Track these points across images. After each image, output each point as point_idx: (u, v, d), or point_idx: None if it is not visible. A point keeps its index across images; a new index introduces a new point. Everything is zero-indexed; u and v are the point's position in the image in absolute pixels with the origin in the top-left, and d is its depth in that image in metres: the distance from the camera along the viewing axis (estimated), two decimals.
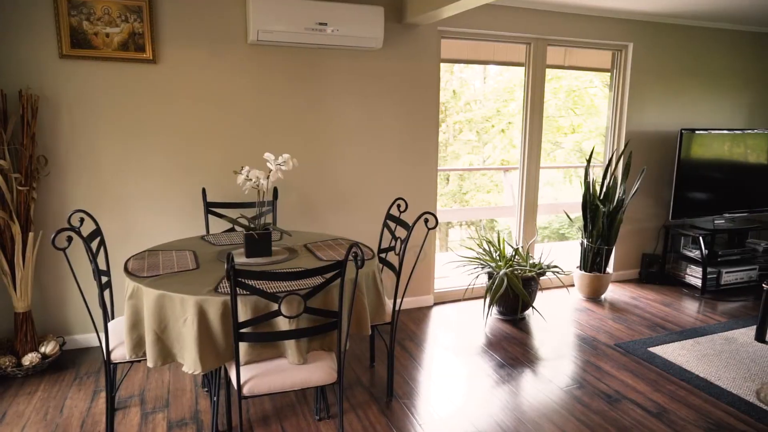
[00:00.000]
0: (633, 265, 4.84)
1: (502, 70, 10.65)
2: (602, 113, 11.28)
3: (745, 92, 4.96)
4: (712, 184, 4.62)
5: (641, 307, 4.14)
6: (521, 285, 3.69)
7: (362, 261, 1.87)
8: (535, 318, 3.89)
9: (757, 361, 3.22)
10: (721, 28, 4.70)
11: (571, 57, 5.68)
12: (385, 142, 3.75)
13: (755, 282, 4.62)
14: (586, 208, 4.20)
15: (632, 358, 3.27)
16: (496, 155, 11.07)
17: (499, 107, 11.01)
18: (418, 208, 3.95)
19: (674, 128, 4.69)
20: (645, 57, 4.46)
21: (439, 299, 4.23)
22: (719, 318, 3.94)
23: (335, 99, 3.56)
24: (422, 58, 3.74)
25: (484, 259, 3.92)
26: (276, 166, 2.51)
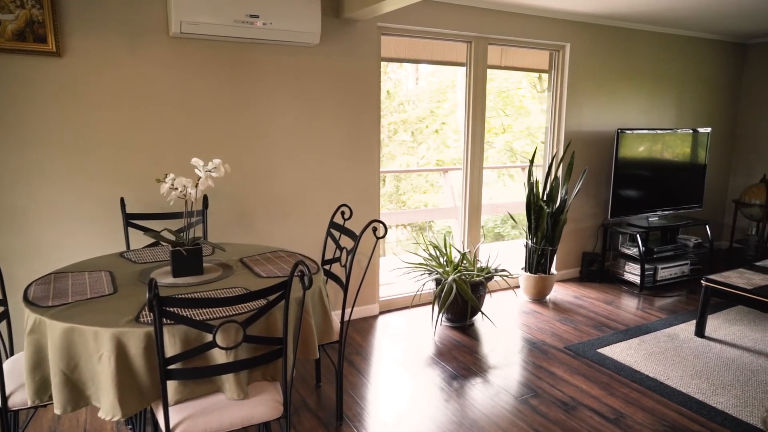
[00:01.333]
0: (574, 264, 4.88)
1: (435, 71, 10.67)
2: (531, 114, 11.49)
3: (672, 93, 5.13)
4: (646, 183, 4.72)
5: (585, 307, 4.15)
6: (470, 291, 3.58)
7: (310, 280, 1.64)
8: (484, 323, 3.79)
9: (700, 357, 3.27)
10: (651, 31, 4.83)
11: (507, 57, 5.68)
12: (326, 144, 3.53)
13: (687, 276, 4.77)
14: (530, 209, 4.16)
15: (583, 361, 3.22)
16: (430, 156, 11.08)
17: (433, 108, 11.03)
18: (361, 213, 3.74)
19: (611, 128, 4.76)
20: (582, 57, 4.49)
21: (385, 308, 4.05)
22: (659, 314, 4.00)
23: (271, 98, 3.29)
24: (362, 55, 3.55)
25: (431, 265, 3.78)
26: (205, 172, 2.22)
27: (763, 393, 2.84)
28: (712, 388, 2.90)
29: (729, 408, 2.70)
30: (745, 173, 5.68)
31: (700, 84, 5.31)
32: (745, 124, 5.67)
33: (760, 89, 5.51)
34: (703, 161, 5.02)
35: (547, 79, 4.73)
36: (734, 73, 5.58)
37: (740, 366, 3.15)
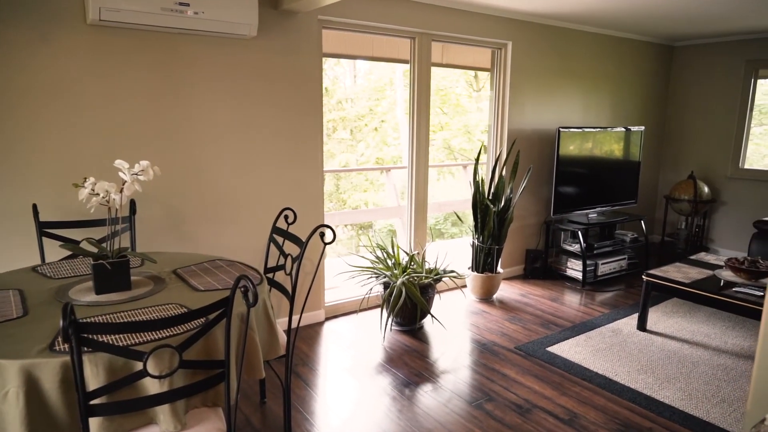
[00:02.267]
0: (518, 261, 4.91)
1: (373, 68, 10.57)
2: (469, 112, 11.60)
3: (608, 92, 5.27)
4: (585, 180, 4.81)
5: (532, 305, 4.16)
6: (420, 294, 3.48)
7: (255, 296, 1.47)
8: (434, 326, 3.71)
9: (644, 351, 3.33)
10: (588, 32, 4.92)
11: (449, 55, 5.65)
12: (267, 143, 3.32)
13: (625, 271, 4.91)
14: (476, 208, 4.12)
15: (534, 361, 3.20)
16: (369, 154, 10.98)
17: (372, 106, 10.93)
18: (305, 214, 3.56)
19: (552, 126, 4.82)
20: (523, 56, 4.50)
21: (332, 313, 3.89)
22: (602, 309, 4.07)
23: (206, 94, 3.05)
24: (303, 49, 3.36)
25: (379, 269, 3.66)
26: (131, 176, 1.99)
27: (705, 385, 2.92)
28: (658, 382, 2.94)
29: (675, 402, 2.74)
30: (674, 170, 5.94)
31: (632, 84, 5.49)
32: (672, 123, 5.92)
33: (685, 89, 5.77)
34: (637, 159, 5.19)
35: (484, 78, 4.72)
36: (663, 74, 5.82)
37: (681, 359, 3.23)
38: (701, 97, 5.64)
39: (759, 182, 5.30)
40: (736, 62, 5.33)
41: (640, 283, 4.71)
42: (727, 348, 3.39)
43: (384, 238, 10.77)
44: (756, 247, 4.33)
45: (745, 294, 3.17)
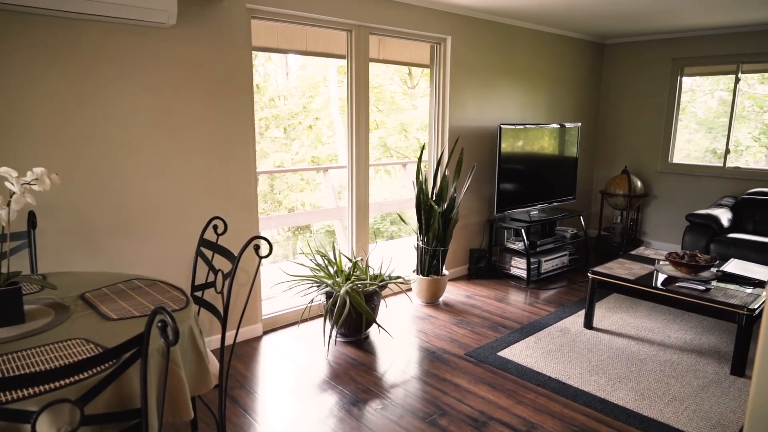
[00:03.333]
0: (462, 261, 4.81)
1: (306, 64, 10.24)
2: (404, 110, 11.47)
3: (545, 89, 5.27)
4: (527, 178, 4.78)
5: (479, 306, 4.06)
6: (365, 302, 3.28)
7: (175, 333, 1.20)
8: (381, 335, 3.52)
9: (593, 350, 3.29)
10: (526, 28, 4.89)
11: (386, 50, 5.46)
12: (192, 144, 2.99)
13: (567, 267, 4.93)
14: (420, 208, 3.96)
15: (486, 367, 3.08)
16: (304, 152, 10.66)
17: (305, 103, 10.61)
18: (238, 222, 3.26)
19: (493, 123, 4.74)
20: (463, 52, 4.39)
21: (270, 326, 3.61)
22: (548, 308, 4.03)
23: (118, 90, 2.70)
24: (230, 41, 3.06)
25: (320, 277, 3.41)
26: (21, 186, 1.65)
27: (655, 383, 2.89)
28: (611, 383, 2.89)
29: (629, 403, 2.69)
30: (608, 165, 6.06)
31: (568, 80, 5.53)
32: (605, 119, 6.04)
33: (616, 86, 5.90)
34: (575, 155, 5.23)
35: (418, 76, 4.58)
36: (595, 71, 5.91)
37: (629, 356, 3.21)
38: (632, 94, 5.78)
39: (686, 176, 5.48)
40: (664, 60, 5.49)
41: (582, 279, 4.74)
42: (671, 342, 3.41)
43: (322, 240, 10.44)
44: (689, 240, 4.44)
45: (688, 289, 3.19)
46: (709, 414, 2.60)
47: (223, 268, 2.18)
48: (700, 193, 5.39)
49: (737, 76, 5.08)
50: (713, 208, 4.69)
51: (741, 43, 4.95)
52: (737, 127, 5.21)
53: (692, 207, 5.41)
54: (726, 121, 5.26)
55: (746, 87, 5.18)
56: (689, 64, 5.35)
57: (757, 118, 5.24)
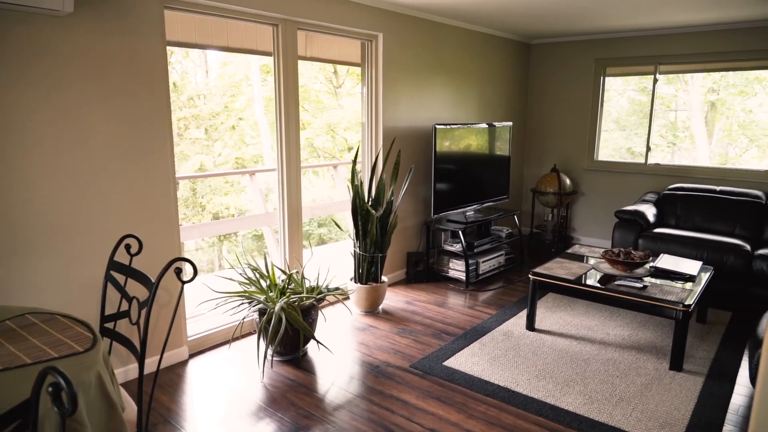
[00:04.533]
0: (399, 265, 4.66)
1: (228, 61, 9.76)
2: (331, 109, 11.24)
3: (476, 88, 5.24)
4: (462, 178, 4.71)
5: (420, 313, 3.92)
6: (302, 317, 3.04)
7: (73, 403, 0.94)
8: (321, 351, 3.29)
9: (538, 353, 3.24)
10: (456, 26, 4.82)
11: (313, 47, 5.23)
12: (97, 148, 2.63)
13: (504, 267, 4.91)
14: (357, 213, 3.77)
15: (433, 380, 2.94)
16: (228, 154, 10.16)
17: (227, 102, 10.12)
18: (155, 238, 2.92)
19: (428, 123, 4.63)
20: (395, 49, 4.24)
21: (197, 348, 3.29)
22: (489, 310, 3.97)
23: (6, 87, 2.30)
24: (141, 33, 2.72)
25: (251, 292, 3.14)
26: None
27: (600, 384, 2.87)
28: (558, 387, 2.84)
29: (579, 408, 2.64)
30: (538, 163, 6.15)
31: (498, 80, 5.54)
32: (534, 118, 6.12)
33: (543, 86, 5.99)
34: (507, 154, 5.23)
35: (344, 75, 4.39)
36: (523, 71, 5.97)
37: (573, 357, 3.19)
38: (558, 93, 5.88)
39: (611, 173, 5.65)
40: (587, 60, 5.62)
41: (518, 278, 4.73)
42: (611, 340, 3.43)
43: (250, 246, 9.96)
44: (619, 236, 4.54)
45: (627, 287, 3.20)
46: (655, 413, 2.60)
47: (138, 295, 1.88)
48: (624, 190, 5.57)
49: (655, 76, 5.28)
50: (639, 204, 4.84)
51: (659, 44, 5.15)
52: (647, 125, 5.44)
53: (618, 203, 5.58)
54: (636, 120, 5.50)
55: (650, 87, 5.42)
56: (611, 64, 5.51)
57: (665, 116, 5.49)
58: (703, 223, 4.60)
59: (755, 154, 6.18)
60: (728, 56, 4.84)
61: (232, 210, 9.68)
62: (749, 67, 4.86)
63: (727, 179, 4.97)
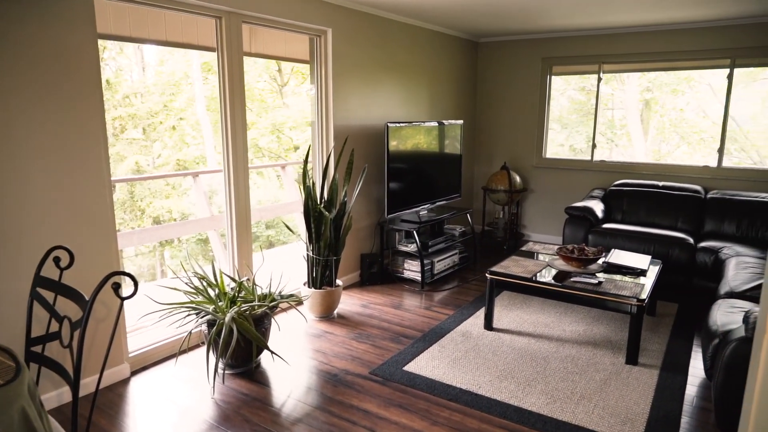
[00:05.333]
0: (353, 268, 4.54)
1: (166, 58, 9.34)
2: (276, 108, 10.98)
3: (426, 86, 5.19)
4: (415, 177, 4.64)
5: (376, 316, 3.82)
6: (254, 327, 2.87)
7: None
8: (275, 362, 3.13)
9: (498, 353, 3.20)
10: (406, 23, 4.74)
11: (258, 43, 5.04)
12: (19, 149, 2.36)
13: (458, 266, 4.88)
14: (309, 216, 3.62)
15: (394, 386, 2.84)
16: (167, 155, 9.72)
17: (166, 101, 9.68)
18: (90, 250, 2.67)
19: (379, 121, 4.53)
20: (345, 46, 4.11)
21: (140, 364, 3.05)
22: (446, 311, 3.91)
23: None
24: (67, 22, 2.47)
25: (199, 303, 2.93)
26: None
27: (561, 383, 2.86)
28: (521, 387, 2.81)
29: (543, 408, 2.61)
30: (488, 161, 6.18)
31: (447, 78, 5.51)
32: (483, 116, 6.14)
33: (491, 84, 6.02)
34: (459, 152, 5.21)
35: (288, 72, 4.24)
36: (471, 69, 5.98)
37: (533, 356, 3.17)
38: (506, 92, 5.93)
39: (559, 170, 5.75)
40: (534, 59, 5.69)
41: (473, 277, 4.72)
42: (567, 336, 3.45)
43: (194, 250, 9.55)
44: (569, 232, 4.60)
45: (583, 284, 3.22)
46: (616, 409, 2.61)
47: (70, 314, 1.68)
48: (572, 186, 5.67)
49: (600, 75, 5.40)
50: (587, 200, 4.93)
51: (603, 44, 5.27)
52: (589, 124, 5.57)
53: (566, 199, 5.68)
54: (576, 118, 5.64)
55: (590, 86, 5.56)
56: (557, 63, 5.60)
57: (603, 114, 5.66)
58: (647, 218, 4.74)
59: (686, 150, 6.50)
60: (666, 56, 5.00)
61: (175, 213, 9.26)
62: (684, 67, 5.05)
63: (668, 175, 5.14)
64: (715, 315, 2.79)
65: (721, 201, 4.51)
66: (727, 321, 2.63)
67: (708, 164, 4.97)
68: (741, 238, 4.28)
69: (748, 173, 4.78)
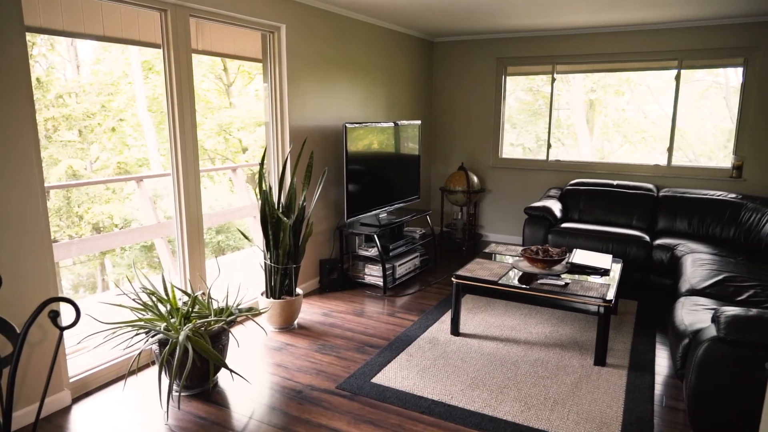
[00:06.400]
0: (312, 274, 4.37)
1: (101, 56, 8.82)
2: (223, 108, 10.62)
3: (383, 86, 5.07)
4: (374, 179, 4.51)
5: (339, 325, 3.67)
6: (211, 345, 2.66)
7: None
8: (235, 380, 2.92)
9: (467, 360, 3.12)
10: (362, 20, 4.60)
11: (205, 40, 4.80)
12: None
13: (419, 269, 4.79)
14: (267, 222, 3.42)
15: (363, 401, 2.70)
16: (107, 158, 9.20)
17: (104, 101, 9.16)
18: (21, 267, 2.39)
19: (337, 122, 4.37)
20: (299, 43, 3.93)
21: (82, 390, 2.77)
22: (410, 317, 3.81)
23: None
24: None
25: (148, 320, 2.69)
26: None
27: (533, 388, 2.81)
28: (494, 395, 2.73)
29: (518, 416, 2.54)
30: (446, 162, 6.13)
31: (404, 78, 5.41)
32: (440, 117, 6.09)
33: (446, 84, 5.97)
34: (417, 153, 5.12)
35: (234, 72, 4.03)
36: (427, 69, 5.91)
37: (502, 361, 3.11)
38: (462, 92, 5.89)
39: (515, 170, 5.76)
40: (489, 60, 5.67)
41: (435, 280, 4.63)
42: (534, 339, 3.41)
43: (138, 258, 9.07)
44: (529, 232, 4.60)
45: (551, 286, 3.18)
46: (590, 414, 2.57)
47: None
48: (529, 186, 5.70)
49: (553, 76, 5.44)
50: (544, 199, 4.95)
51: (557, 45, 5.31)
52: (538, 123, 5.63)
53: (523, 199, 5.70)
54: (525, 118, 5.70)
55: (537, 87, 5.62)
56: (512, 63, 5.61)
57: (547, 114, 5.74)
58: (604, 216, 4.80)
59: (628, 149, 6.70)
60: (618, 57, 5.09)
61: (117, 219, 8.76)
62: (635, 68, 5.15)
63: (621, 174, 5.24)
64: (681, 314, 2.80)
65: (672, 199, 4.62)
66: (694, 320, 2.64)
67: (659, 163, 5.09)
68: (693, 235, 4.39)
69: (696, 171, 4.93)
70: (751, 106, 4.60)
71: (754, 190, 4.64)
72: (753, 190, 4.64)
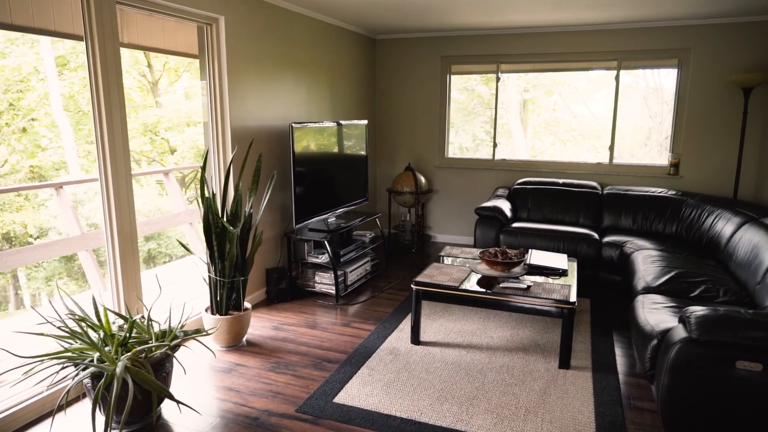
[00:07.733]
0: (258, 285, 4.09)
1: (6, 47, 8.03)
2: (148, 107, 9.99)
3: (327, 84, 4.85)
4: (322, 182, 4.29)
5: (292, 339, 3.43)
6: (154, 374, 2.36)
7: None
8: (182, 411, 2.62)
9: (431, 371, 2.99)
10: (305, 15, 4.37)
11: (131, 33, 4.42)
12: None
13: (371, 274, 4.62)
14: (210, 232, 3.13)
15: (327, 424, 2.49)
16: (17, 161, 8.43)
17: (12, 99, 8.39)
18: None
19: (281, 122, 4.11)
20: (240, 37, 3.65)
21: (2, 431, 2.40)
22: (367, 326, 3.63)
23: None
24: None
25: (78, 350, 2.36)
26: None
27: (503, 397, 2.71)
28: (464, 408, 2.61)
29: (492, 430, 2.43)
30: (392, 163, 5.99)
31: (348, 76, 5.22)
32: (385, 116, 5.94)
33: (390, 83, 5.84)
34: (364, 153, 4.95)
35: (159, 69, 3.71)
36: (371, 67, 5.74)
37: (468, 370, 3.00)
38: (406, 91, 5.78)
39: (462, 169, 5.72)
40: (433, 58, 5.59)
41: (387, 285, 4.48)
42: (496, 343, 3.33)
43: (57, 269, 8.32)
44: (480, 233, 4.54)
45: (512, 290, 3.11)
46: (563, 421, 2.50)
47: None
48: (476, 186, 5.67)
49: (498, 75, 5.44)
50: (493, 199, 4.92)
51: (501, 44, 5.30)
52: (473, 123, 5.63)
53: (471, 199, 5.67)
54: (461, 117, 5.70)
55: (470, 86, 5.63)
56: (456, 62, 5.55)
57: (484, 114, 5.76)
58: (552, 215, 4.83)
59: (560, 148, 6.86)
60: (560, 57, 5.15)
61: (31, 229, 8.00)
62: (577, 68, 5.23)
63: (565, 172, 5.31)
64: (643, 314, 2.80)
65: (616, 196, 4.71)
66: (659, 320, 2.63)
67: (601, 161, 5.20)
68: (637, 231, 4.50)
69: (636, 169, 5.07)
70: (686, 106, 4.77)
71: (691, 187, 4.82)
72: (690, 186, 4.83)
